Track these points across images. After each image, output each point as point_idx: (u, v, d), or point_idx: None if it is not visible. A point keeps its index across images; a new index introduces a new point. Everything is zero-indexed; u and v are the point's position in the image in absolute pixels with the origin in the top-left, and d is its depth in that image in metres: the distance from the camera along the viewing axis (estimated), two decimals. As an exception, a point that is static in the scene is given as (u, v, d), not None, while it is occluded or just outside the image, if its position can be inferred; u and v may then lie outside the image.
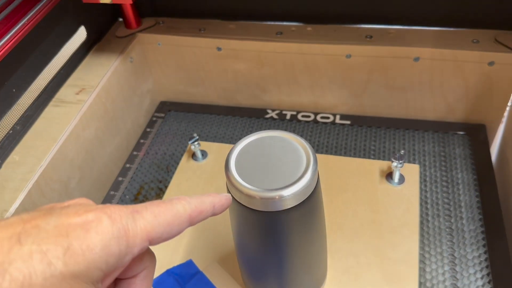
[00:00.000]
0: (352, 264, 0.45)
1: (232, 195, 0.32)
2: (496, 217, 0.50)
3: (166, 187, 0.55)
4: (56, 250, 0.19)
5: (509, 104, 0.58)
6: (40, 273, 0.18)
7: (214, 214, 0.27)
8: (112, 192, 0.57)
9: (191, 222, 0.25)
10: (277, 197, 0.29)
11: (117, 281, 0.25)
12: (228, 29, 0.63)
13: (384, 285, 0.43)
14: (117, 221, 0.21)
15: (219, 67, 0.65)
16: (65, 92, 0.56)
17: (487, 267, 0.45)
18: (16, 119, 0.50)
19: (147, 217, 0.22)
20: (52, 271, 0.19)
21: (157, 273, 0.46)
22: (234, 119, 0.66)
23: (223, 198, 0.27)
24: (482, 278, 0.44)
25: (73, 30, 0.59)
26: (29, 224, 0.20)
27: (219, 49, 0.62)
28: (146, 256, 0.25)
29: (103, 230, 0.21)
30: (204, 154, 0.58)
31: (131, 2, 0.53)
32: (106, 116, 0.58)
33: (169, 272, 0.45)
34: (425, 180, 0.54)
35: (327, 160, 0.55)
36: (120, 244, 0.21)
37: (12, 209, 0.43)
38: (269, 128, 0.64)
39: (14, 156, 0.48)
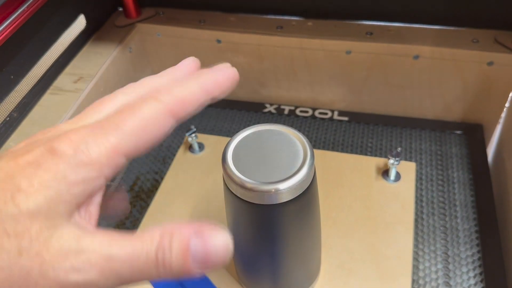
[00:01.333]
0: (346, 260, 0.45)
1: (228, 188, 0.32)
2: (490, 217, 0.50)
3: (162, 178, 0.55)
4: (3, 195, 0.18)
5: (506, 104, 0.58)
6: None
7: (213, 99, 0.22)
8: (107, 182, 0.57)
9: (177, 118, 0.21)
10: (273, 190, 0.29)
11: None
12: (228, 21, 0.63)
13: (377, 281, 0.43)
14: (72, 149, 0.19)
15: (218, 60, 0.64)
16: (63, 80, 0.56)
17: (479, 266, 0.45)
18: (13, 106, 0.50)
19: (110, 132, 0.20)
20: (1, 217, 0.17)
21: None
22: (232, 112, 0.66)
23: (217, 74, 0.22)
24: (474, 277, 0.45)
25: (73, 18, 0.59)
26: None
27: (218, 41, 0.62)
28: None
29: (55, 162, 0.18)
30: (201, 146, 0.58)
31: (132, -8, 0.53)
32: (103, 106, 0.58)
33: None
34: (421, 178, 0.54)
35: (324, 156, 0.55)
36: (81, 171, 0.19)
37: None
38: (267, 122, 0.63)
39: (11, 143, 0.48)
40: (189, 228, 0.20)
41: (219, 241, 0.20)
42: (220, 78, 0.22)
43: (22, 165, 0.18)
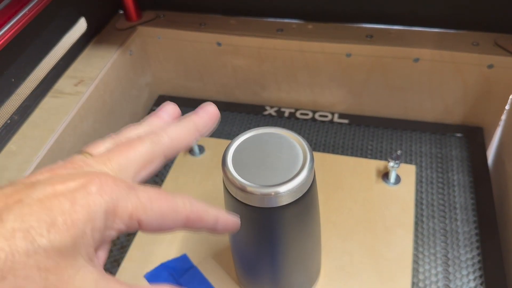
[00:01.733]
0: (346, 263, 0.45)
1: (228, 191, 0.32)
2: (491, 219, 0.50)
3: (162, 181, 0.55)
4: (39, 226, 0.18)
5: (507, 107, 0.58)
6: (23, 252, 0.18)
7: (214, 230, 0.25)
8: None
9: (187, 225, 0.23)
10: (273, 193, 0.29)
11: None
12: (228, 24, 0.63)
13: (377, 284, 0.43)
14: (107, 194, 0.20)
15: (219, 63, 0.65)
16: (63, 83, 0.56)
17: (479, 269, 0.45)
18: (14, 109, 0.50)
19: (142, 198, 0.21)
20: (35, 249, 0.18)
21: (152, 266, 0.46)
22: (232, 115, 0.66)
23: (230, 218, 0.25)
24: (474, 279, 0.45)
25: (73, 21, 0.59)
26: (11, 199, 0.19)
27: (219, 44, 0.62)
28: None
29: (90, 202, 0.19)
30: (201, 149, 0.58)
31: (132, -5, 0.53)
32: (104, 109, 0.58)
33: (163, 266, 0.45)
34: (421, 181, 0.54)
35: (324, 158, 0.56)
36: (107, 219, 0.20)
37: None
38: (267, 125, 0.64)
39: (11, 146, 0.48)
40: None
41: None
42: (228, 223, 0.25)
43: (58, 196, 0.19)
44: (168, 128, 0.24)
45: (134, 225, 0.21)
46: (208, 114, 0.26)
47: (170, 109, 0.27)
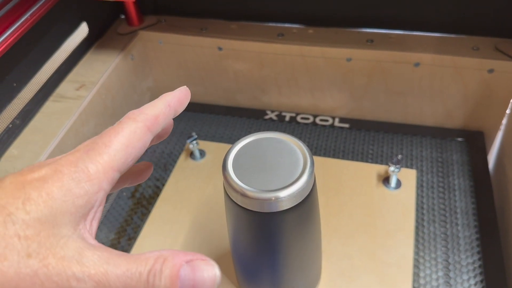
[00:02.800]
0: (347, 267, 0.45)
1: (228, 195, 0.32)
2: (491, 224, 0.50)
3: (163, 185, 0.55)
4: (14, 202, 0.19)
5: (507, 111, 0.58)
6: (1, 224, 0.19)
7: (175, 113, 0.26)
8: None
9: (152, 131, 0.24)
10: (273, 198, 0.29)
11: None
12: (229, 29, 0.63)
13: (377, 289, 0.43)
14: (72, 166, 0.21)
15: (220, 67, 0.65)
16: (65, 87, 0.56)
17: (480, 273, 0.45)
18: (16, 113, 0.50)
19: (101, 150, 0.22)
20: (13, 220, 0.19)
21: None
22: (233, 119, 0.66)
23: (177, 92, 0.27)
24: (475, 284, 0.45)
25: (75, 26, 0.59)
26: None
27: (220, 49, 0.62)
28: (138, 168, 0.27)
29: (60, 177, 0.21)
30: (202, 153, 0.58)
31: (133, 0, 0.54)
32: (105, 113, 0.58)
33: (164, 270, 0.45)
34: (421, 186, 0.54)
35: (325, 163, 0.56)
36: (83, 185, 0.21)
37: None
38: (268, 129, 0.64)
39: (13, 150, 0.48)
40: (182, 256, 0.22)
41: (208, 274, 0.22)
42: (178, 95, 0.27)
43: (30, 180, 0.20)
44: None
45: (114, 175, 0.22)
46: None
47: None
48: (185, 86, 0.28)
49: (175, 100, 0.26)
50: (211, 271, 0.22)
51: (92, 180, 0.21)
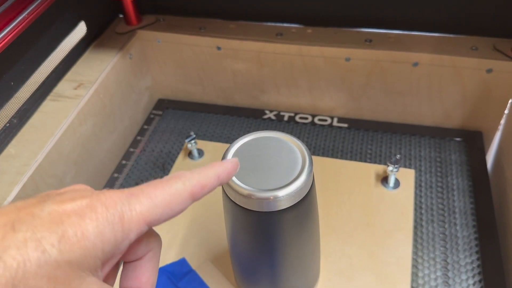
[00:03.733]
0: (345, 267, 0.45)
1: (227, 194, 0.32)
2: (490, 224, 0.50)
3: (161, 184, 0.55)
4: (50, 237, 0.19)
5: (506, 111, 0.58)
6: (35, 261, 0.18)
7: (221, 183, 0.26)
8: (107, 188, 0.57)
9: (194, 198, 0.24)
10: (271, 197, 0.29)
11: (123, 264, 0.25)
12: (228, 28, 0.63)
13: (376, 289, 0.43)
14: (111, 207, 0.21)
15: (218, 67, 0.65)
16: (63, 86, 0.56)
17: (479, 273, 0.45)
18: (13, 113, 0.50)
19: (143, 201, 0.22)
20: (46, 258, 0.18)
21: (150, 270, 0.46)
22: (232, 118, 0.66)
23: (229, 165, 0.26)
24: (474, 284, 0.45)
25: (73, 25, 0.59)
26: (23, 212, 0.20)
27: (218, 48, 0.62)
28: (150, 238, 0.25)
29: (97, 216, 0.20)
30: (200, 153, 0.58)
31: (132, -1, 0.53)
32: (103, 112, 0.58)
33: (162, 270, 0.45)
34: (420, 185, 0.54)
35: (323, 163, 0.56)
36: (115, 230, 0.21)
37: (6, 203, 0.43)
38: (266, 129, 0.64)
39: (10, 149, 0.48)
40: None
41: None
42: (229, 168, 0.26)
43: (68, 212, 0.20)
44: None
45: (143, 228, 0.22)
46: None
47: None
48: (237, 159, 0.27)
49: (225, 173, 0.26)
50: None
51: (124, 227, 0.21)
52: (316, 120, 0.64)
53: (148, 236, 0.25)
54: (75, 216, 0.20)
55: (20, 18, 0.49)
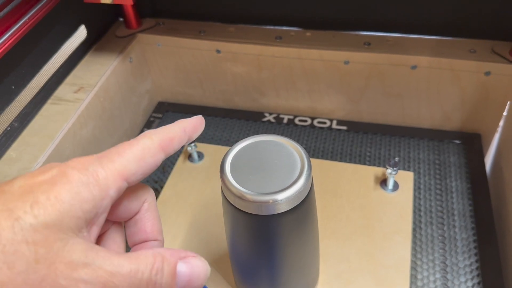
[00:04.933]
0: (344, 270, 0.45)
1: (226, 198, 0.32)
2: (489, 226, 0.50)
3: (161, 187, 0.55)
4: (22, 206, 0.19)
5: (504, 114, 0.59)
6: (9, 228, 0.18)
7: (189, 139, 0.27)
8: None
9: (165, 151, 0.25)
10: (270, 201, 0.30)
11: (125, 224, 0.26)
12: (227, 32, 0.63)
13: (375, 291, 0.43)
14: (82, 169, 0.21)
15: (218, 70, 0.65)
16: (63, 90, 0.56)
17: (478, 275, 0.46)
18: (14, 116, 0.50)
19: (113, 158, 0.22)
20: (21, 225, 0.19)
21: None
22: (232, 121, 0.66)
23: (194, 119, 0.27)
24: (473, 286, 0.45)
25: (73, 29, 0.60)
26: None
27: (218, 51, 0.63)
28: (139, 190, 0.26)
29: (69, 180, 0.21)
30: (200, 155, 0.58)
31: (132, 3, 0.54)
32: (103, 115, 0.58)
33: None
34: (419, 188, 0.54)
35: (322, 165, 0.56)
36: (91, 189, 0.21)
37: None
38: (266, 132, 0.64)
39: (11, 152, 0.48)
40: (176, 253, 0.23)
41: (200, 269, 0.24)
42: (194, 122, 0.27)
43: (39, 182, 0.20)
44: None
45: (122, 184, 0.22)
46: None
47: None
48: (201, 116, 0.28)
49: (191, 126, 0.27)
50: (203, 266, 0.24)
51: (100, 185, 0.21)
52: (315, 122, 0.64)
53: (136, 189, 0.26)
54: (46, 185, 0.20)
55: (21, 22, 0.49)
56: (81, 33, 0.61)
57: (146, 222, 0.26)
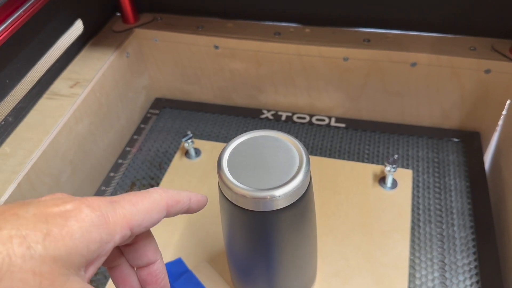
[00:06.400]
0: (342, 267, 0.45)
1: (223, 194, 0.32)
2: (487, 225, 0.50)
3: (158, 184, 0.55)
4: (35, 235, 0.19)
5: (504, 112, 0.58)
6: (20, 256, 0.19)
7: (189, 209, 0.28)
8: (103, 188, 0.57)
9: (169, 211, 0.26)
10: (268, 197, 0.29)
11: (122, 247, 0.27)
12: (226, 27, 0.63)
13: (373, 290, 0.43)
14: (96, 210, 0.22)
15: (216, 66, 0.64)
16: (59, 85, 0.55)
17: (476, 274, 0.45)
18: (9, 111, 0.50)
19: (125, 206, 0.23)
20: (31, 254, 0.19)
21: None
22: (229, 118, 0.66)
23: (199, 195, 0.28)
24: (471, 285, 0.44)
25: (70, 23, 0.59)
26: (7, 213, 0.20)
27: (216, 47, 0.62)
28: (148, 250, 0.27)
29: (83, 218, 0.21)
30: (197, 152, 0.58)
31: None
32: (100, 111, 0.57)
33: (158, 270, 0.45)
34: (417, 186, 0.54)
35: (321, 162, 0.55)
36: (101, 231, 0.21)
37: (1, 202, 0.43)
38: (264, 129, 0.63)
39: (5, 147, 0.48)
40: None
41: None
42: (200, 199, 0.28)
43: (53, 214, 0.21)
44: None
45: (127, 232, 0.23)
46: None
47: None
48: (206, 197, 0.29)
49: (196, 199, 0.28)
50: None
51: (109, 229, 0.22)
52: (314, 120, 0.64)
53: (146, 249, 0.27)
54: (60, 218, 0.21)
55: (16, 15, 0.48)
56: (77, 27, 0.60)
57: (147, 249, 0.27)
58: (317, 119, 0.64)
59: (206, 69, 0.65)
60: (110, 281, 0.46)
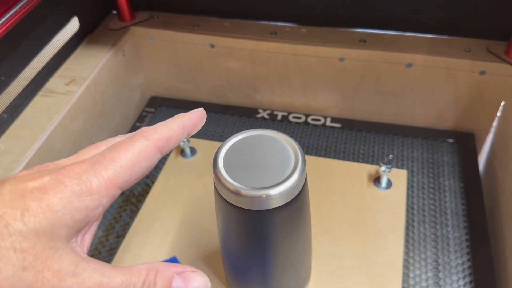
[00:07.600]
0: (337, 267, 0.45)
1: (219, 193, 0.32)
2: (481, 225, 0.50)
3: (153, 182, 0.55)
4: (13, 212, 0.19)
5: (498, 114, 0.59)
6: None
7: (188, 135, 0.26)
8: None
9: (162, 151, 0.24)
10: (263, 196, 0.29)
11: None
12: (222, 26, 0.62)
13: (367, 289, 0.43)
14: (75, 179, 0.21)
15: (212, 65, 0.64)
16: (54, 82, 0.55)
17: (470, 274, 0.45)
18: (4, 108, 0.50)
19: (107, 165, 0.22)
20: (10, 231, 0.18)
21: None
22: (225, 117, 0.66)
23: (194, 115, 0.26)
24: (465, 285, 0.45)
25: (66, 20, 0.59)
26: None
27: (212, 46, 0.62)
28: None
29: (62, 189, 0.20)
30: (193, 151, 0.58)
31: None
32: (95, 109, 0.57)
33: (152, 268, 0.45)
34: (412, 186, 0.54)
35: (316, 162, 0.55)
36: (84, 199, 0.21)
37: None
38: (259, 128, 0.63)
39: (0, 145, 0.47)
40: (173, 268, 0.23)
41: (199, 285, 0.23)
42: (195, 117, 0.26)
43: (30, 188, 0.20)
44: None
45: (115, 192, 0.22)
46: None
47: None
48: (202, 109, 0.27)
49: (190, 122, 0.26)
50: (202, 281, 0.23)
51: (93, 195, 0.21)
52: (309, 119, 0.64)
53: None
54: (38, 192, 0.20)
55: (12, 12, 0.48)
56: (73, 24, 0.60)
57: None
58: (313, 119, 0.64)
59: (202, 68, 0.65)
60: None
